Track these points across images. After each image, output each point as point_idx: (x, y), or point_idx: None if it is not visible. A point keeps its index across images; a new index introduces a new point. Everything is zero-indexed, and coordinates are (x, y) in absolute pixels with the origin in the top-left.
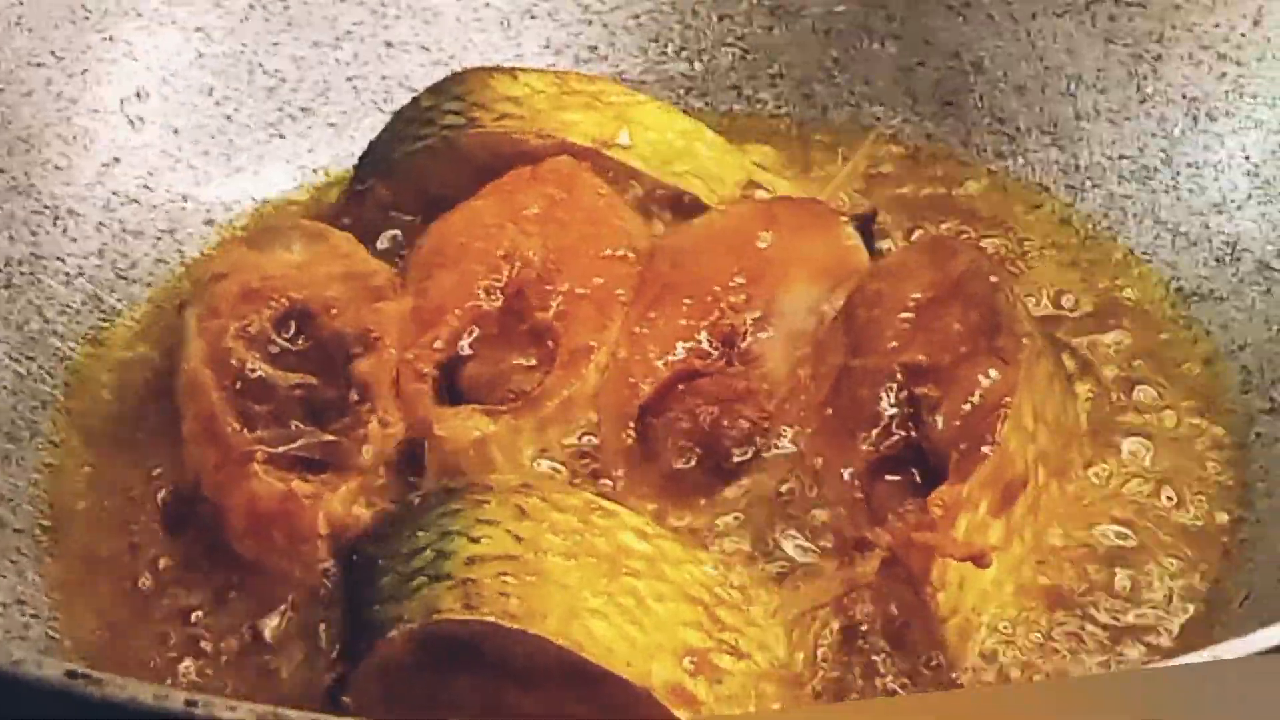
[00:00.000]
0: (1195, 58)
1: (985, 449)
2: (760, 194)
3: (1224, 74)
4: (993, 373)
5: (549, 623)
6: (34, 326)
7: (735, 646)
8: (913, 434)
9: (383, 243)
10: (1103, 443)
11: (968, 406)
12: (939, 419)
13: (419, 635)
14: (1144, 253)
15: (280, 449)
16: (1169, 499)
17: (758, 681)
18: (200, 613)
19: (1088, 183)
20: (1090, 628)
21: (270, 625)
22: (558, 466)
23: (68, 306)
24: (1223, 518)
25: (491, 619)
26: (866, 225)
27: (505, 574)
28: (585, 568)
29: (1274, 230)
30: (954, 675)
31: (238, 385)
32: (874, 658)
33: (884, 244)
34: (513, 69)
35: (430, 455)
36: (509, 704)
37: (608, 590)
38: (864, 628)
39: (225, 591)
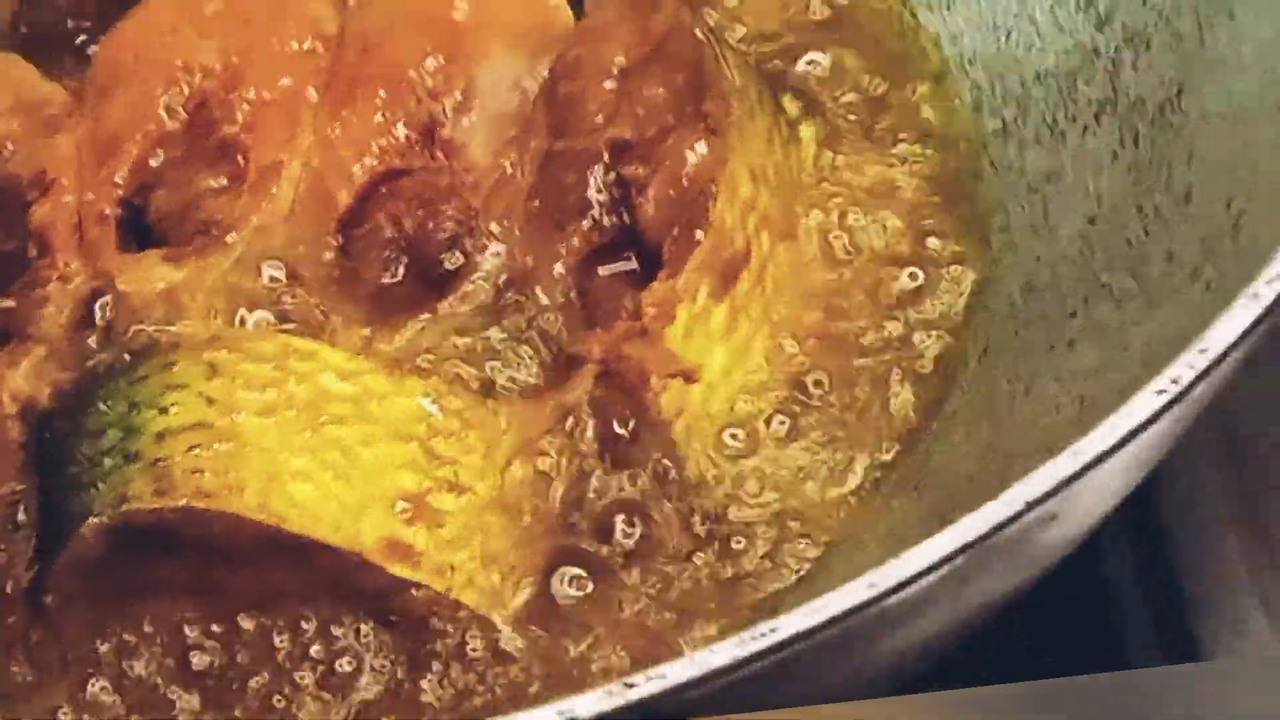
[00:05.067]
0: None
1: (698, 234)
2: None
3: None
4: (700, 146)
5: (246, 496)
6: None
7: (455, 480)
8: (625, 219)
9: (59, 55)
10: (832, 189)
11: (676, 187)
12: (649, 202)
13: (111, 529)
14: None
15: None
16: (902, 244)
17: (480, 514)
18: None
19: None
20: (820, 405)
21: None
22: (254, 304)
23: None
24: (957, 257)
25: (184, 502)
26: None
27: (198, 446)
28: (284, 424)
29: None
30: (686, 479)
31: None
32: (600, 472)
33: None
34: None
35: (117, 312)
36: (217, 584)
37: (311, 445)
38: (588, 440)
39: None
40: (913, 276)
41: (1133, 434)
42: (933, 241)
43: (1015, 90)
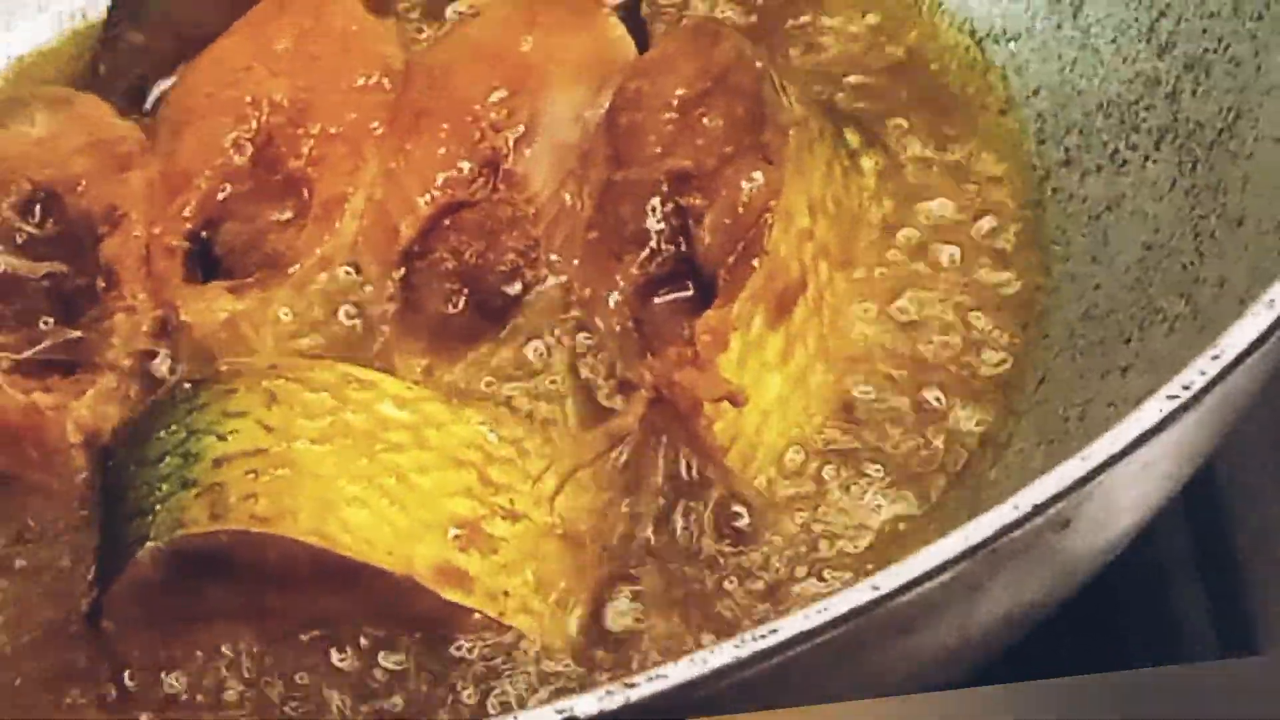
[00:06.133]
0: None
1: (753, 261)
2: None
3: None
4: (757, 175)
5: (300, 520)
6: None
7: (510, 508)
8: (682, 248)
9: (139, 92)
10: (893, 219)
11: (732, 216)
12: (705, 231)
13: (167, 553)
14: None
15: (25, 354)
16: (964, 273)
17: (537, 542)
18: None
19: None
20: (877, 434)
21: (33, 544)
22: (316, 335)
23: None
24: (1019, 286)
25: (238, 526)
26: (633, 12)
27: (254, 471)
28: (341, 451)
29: None
30: (739, 506)
31: None
32: (655, 499)
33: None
34: None
35: (181, 342)
36: (271, 608)
37: (366, 472)
38: (643, 468)
39: None
40: (973, 307)
41: (1141, 439)
42: (994, 272)
43: (1078, 120)
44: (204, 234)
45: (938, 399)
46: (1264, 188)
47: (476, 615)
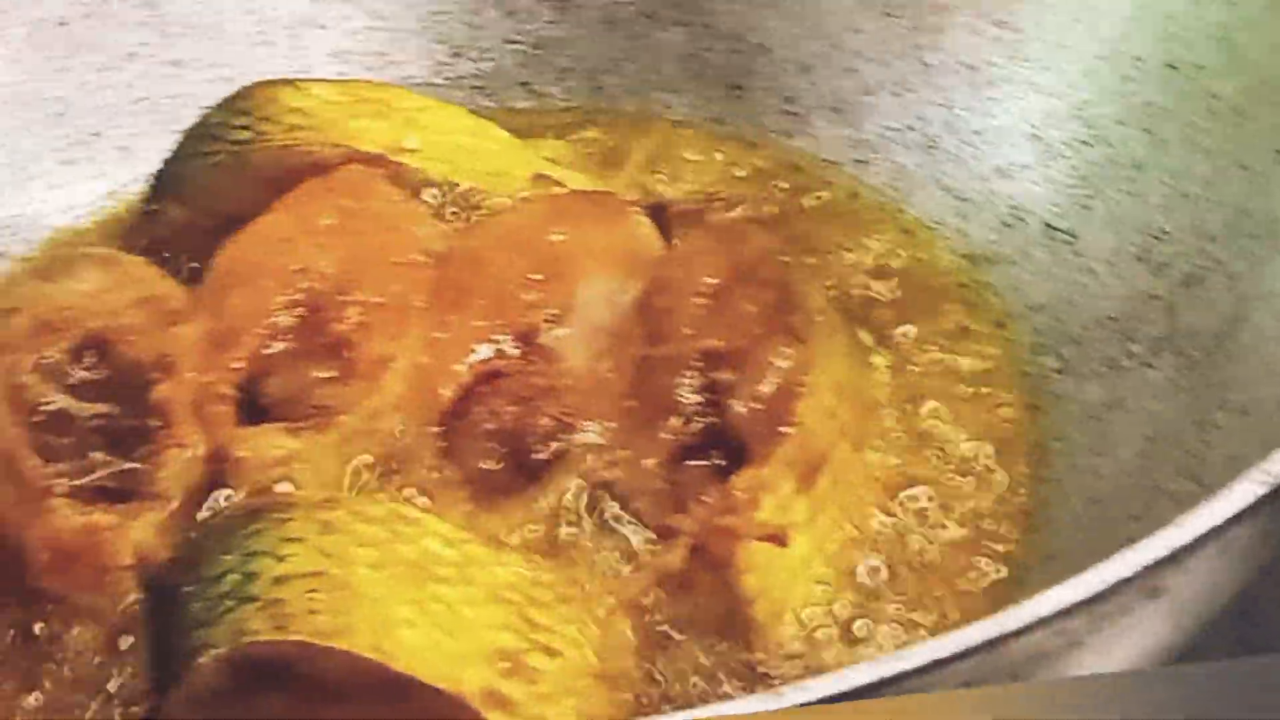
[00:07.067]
0: (973, 26)
1: (784, 429)
2: (552, 188)
3: (1000, 39)
4: (788, 352)
5: (359, 637)
6: None
7: (548, 645)
8: (714, 419)
9: (178, 264)
10: (901, 412)
11: (765, 388)
12: (738, 403)
13: (229, 659)
14: (932, 221)
15: (81, 481)
16: (967, 465)
17: (575, 678)
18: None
19: (874, 155)
20: (893, 601)
21: (80, 662)
22: (364, 477)
23: None
24: (1021, 481)
25: (301, 638)
26: (659, 214)
27: (313, 590)
28: (394, 577)
29: (1056, 191)
30: (762, 657)
31: (35, 420)
32: (685, 645)
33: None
34: (299, 80)
35: (234, 477)
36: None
37: (417, 598)
38: (674, 615)
39: (29, 628)
40: (975, 487)
41: (1233, 520)
42: (997, 468)
43: (1075, 332)
44: (251, 386)
45: (949, 575)
46: (1266, 380)
47: None
